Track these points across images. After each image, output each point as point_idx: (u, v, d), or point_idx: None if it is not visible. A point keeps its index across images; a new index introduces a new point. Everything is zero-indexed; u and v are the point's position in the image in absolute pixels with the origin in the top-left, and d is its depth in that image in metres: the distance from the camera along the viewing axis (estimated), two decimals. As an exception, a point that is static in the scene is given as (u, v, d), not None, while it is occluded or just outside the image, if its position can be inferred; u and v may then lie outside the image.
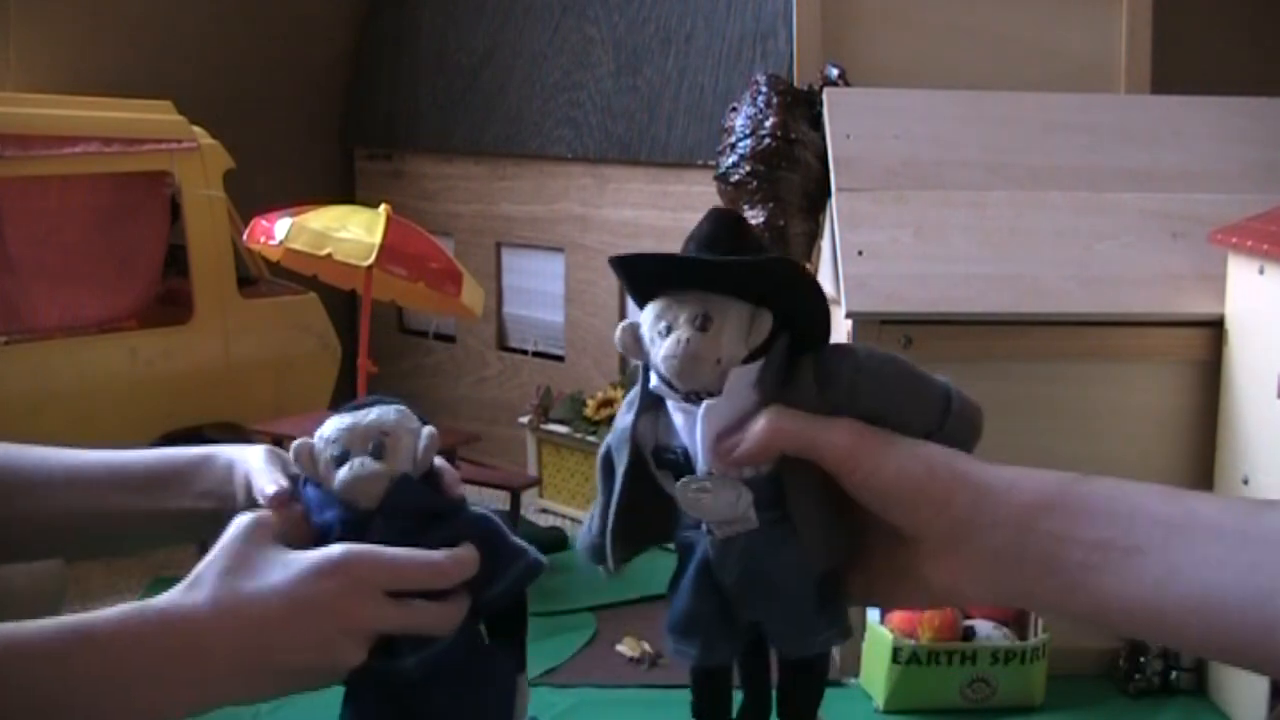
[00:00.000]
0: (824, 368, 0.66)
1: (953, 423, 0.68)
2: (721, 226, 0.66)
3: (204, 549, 0.72)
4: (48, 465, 0.83)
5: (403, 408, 0.76)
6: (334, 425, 0.75)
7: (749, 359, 0.65)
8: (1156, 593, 0.59)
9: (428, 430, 0.76)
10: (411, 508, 0.74)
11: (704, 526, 0.67)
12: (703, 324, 0.64)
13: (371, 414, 0.75)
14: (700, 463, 0.66)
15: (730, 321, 0.64)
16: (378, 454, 0.74)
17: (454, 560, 0.72)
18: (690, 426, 0.66)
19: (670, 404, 0.67)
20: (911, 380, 0.68)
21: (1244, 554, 0.58)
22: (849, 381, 0.66)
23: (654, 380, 0.66)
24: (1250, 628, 0.57)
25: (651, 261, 0.66)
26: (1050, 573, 0.62)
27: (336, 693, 0.74)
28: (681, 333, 0.64)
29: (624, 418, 0.69)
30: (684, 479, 0.66)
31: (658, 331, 0.65)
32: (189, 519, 0.82)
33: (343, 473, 0.73)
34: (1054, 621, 1.22)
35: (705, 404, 0.64)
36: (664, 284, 0.66)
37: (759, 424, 0.65)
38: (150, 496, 0.82)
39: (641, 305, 0.68)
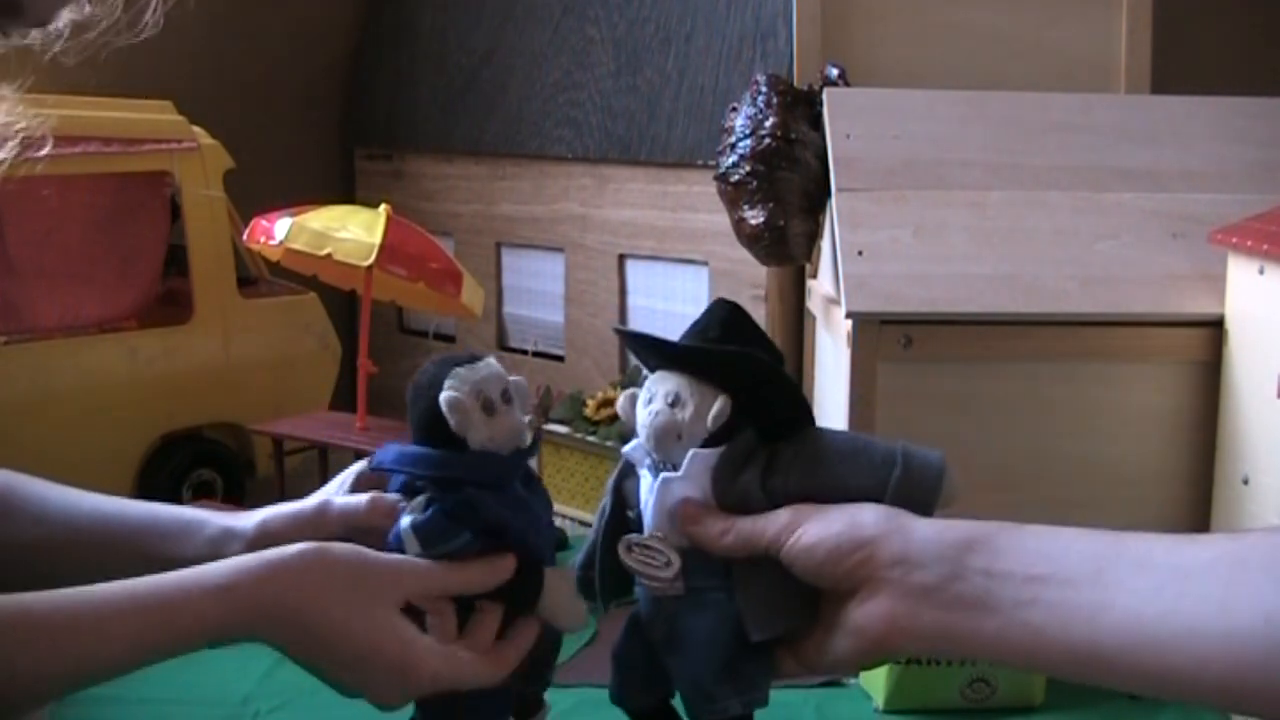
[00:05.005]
0: (777, 459, 0.70)
1: (900, 487, 0.69)
2: (714, 317, 0.71)
3: None
4: (48, 501, 0.81)
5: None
6: (466, 376, 0.73)
7: (713, 440, 0.69)
8: (1091, 626, 0.60)
9: (521, 380, 0.77)
10: (534, 453, 0.76)
11: (639, 583, 0.72)
12: (673, 401, 0.69)
13: (491, 363, 0.75)
14: (648, 526, 0.71)
15: (696, 403, 0.68)
16: (508, 400, 0.74)
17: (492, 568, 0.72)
18: (648, 491, 0.71)
19: (640, 468, 0.72)
20: (850, 454, 0.70)
21: (1171, 586, 0.59)
22: (786, 468, 0.69)
23: (633, 442, 0.72)
24: (1181, 659, 0.58)
25: (637, 339, 0.73)
26: (984, 613, 0.63)
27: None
28: (655, 406, 0.69)
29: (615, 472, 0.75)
30: (626, 536, 0.71)
31: (643, 402, 0.71)
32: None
33: (511, 420, 0.73)
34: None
35: (663, 476, 0.70)
36: (655, 361, 0.72)
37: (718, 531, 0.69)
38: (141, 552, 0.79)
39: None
